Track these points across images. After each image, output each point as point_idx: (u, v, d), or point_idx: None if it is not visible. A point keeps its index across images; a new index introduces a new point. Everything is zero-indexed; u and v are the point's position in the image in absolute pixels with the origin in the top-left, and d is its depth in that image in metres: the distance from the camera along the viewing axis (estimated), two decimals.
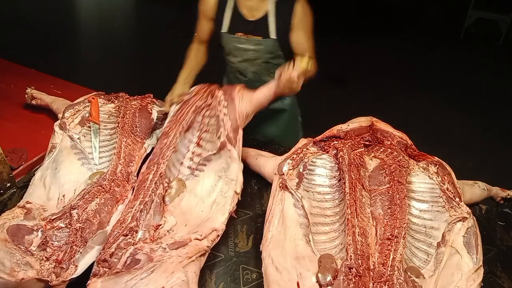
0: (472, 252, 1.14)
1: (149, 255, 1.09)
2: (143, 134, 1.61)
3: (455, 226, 1.20)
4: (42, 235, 1.15)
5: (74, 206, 1.22)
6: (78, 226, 1.18)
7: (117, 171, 1.39)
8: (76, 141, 1.50)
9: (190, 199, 1.37)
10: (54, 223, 1.19)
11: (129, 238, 1.15)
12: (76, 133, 1.54)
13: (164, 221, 1.25)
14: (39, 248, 1.12)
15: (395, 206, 1.21)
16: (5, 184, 1.46)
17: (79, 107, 1.67)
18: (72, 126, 1.58)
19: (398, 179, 1.28)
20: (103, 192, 1.30)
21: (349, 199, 1.20)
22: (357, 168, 1.31)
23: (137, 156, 1.51)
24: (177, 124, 1.56)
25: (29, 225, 1.17)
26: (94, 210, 1.24)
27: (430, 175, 1.30)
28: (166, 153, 1.45)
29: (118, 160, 1.43)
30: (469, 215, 1.22)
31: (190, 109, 1.62)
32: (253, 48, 1.90)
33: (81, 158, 1.48)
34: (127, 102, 1.73)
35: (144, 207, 1.24)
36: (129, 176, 1.40)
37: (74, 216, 1.20)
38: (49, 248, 1.13)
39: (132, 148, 1.52)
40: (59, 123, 1.59)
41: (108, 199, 1.29)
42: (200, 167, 1.47)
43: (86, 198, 1.26)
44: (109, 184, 1.33)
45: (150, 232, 1.20)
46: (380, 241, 1.15)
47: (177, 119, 1.59)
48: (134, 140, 1.56)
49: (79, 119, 1.61)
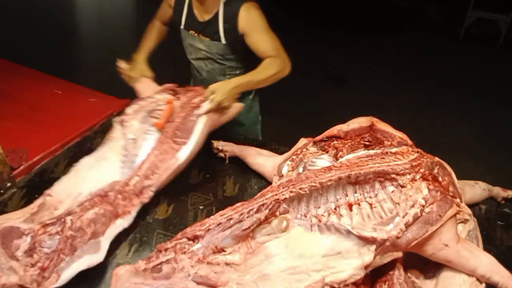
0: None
1: (169, 272, 1.00)
2: (184, 139, 1.42)
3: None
4: (30, 240, 1.11)
5: (70, 212, 1.17)
6: (69, 233, 1.12)
7: (130, 182, 1.29)
8: (128, 141, 1.42)
9: (280, 252, 1.04)
10: (47, 228, 1.14)
11: (187, 243, 1.06)
12: (132, 133, 1.45)
13: (232, 251, 1.05)
14: (25, 254, 1.08)
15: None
16: (5, 184, 1.46)
17: (144, 103, 1.55)
18: (131, 124, 1.47)
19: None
20: (105, 202, 1.22)
21: None
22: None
23: (163, 168, 1.35)
24: (346, 167, 1.15)
25: (23, 228, 1.13)
26: (90, 219, 1.16)
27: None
28: (308, 184, 1.12)
29: (137, 170, 1.32)
30: (470, 217, 1.22)
31: (375, 160, 1.19)
32: (204, 48, 1.90)
33: (125, 161, 1.39)
34: (190, 99, 1.57)
35: (227, 221, 1.07)
36: (142, 190, 1.29)
37: (67, 223, 1.14)
38: (36, 255, 1.09)
39: (162, 158, 1.37)
40: (119, 118, 1.50)
41: (108, 211, 1.21)
42: (326, 226, 1.07)
43: (85, 205, 1.20)
44: (115, 196, 1.24)
45: (207, 251, 1.05)
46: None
47: (352, 164, 1.17)
48: (170, 148, 1.39)
49: (141, 115, 1.50)
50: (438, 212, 1.04)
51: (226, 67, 1.93)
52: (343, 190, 1.14)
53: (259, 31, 1.75)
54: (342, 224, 1.04)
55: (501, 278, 1.06)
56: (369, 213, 1.09)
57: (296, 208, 1.14)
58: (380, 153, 1.23)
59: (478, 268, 1.06)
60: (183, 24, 1.92)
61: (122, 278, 0.98)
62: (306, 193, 1.13)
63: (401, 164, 1.14)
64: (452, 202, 1.07)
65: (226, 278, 0.99)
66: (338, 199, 1.13)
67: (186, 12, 1.89)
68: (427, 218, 1.03)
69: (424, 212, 1.04)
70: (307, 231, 1.09)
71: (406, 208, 1.04)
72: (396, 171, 1.13)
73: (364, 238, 1.00)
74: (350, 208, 1.11)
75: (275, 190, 1.14)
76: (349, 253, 1.00)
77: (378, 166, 1.14)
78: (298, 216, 1.13)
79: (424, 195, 1.06)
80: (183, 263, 1.02)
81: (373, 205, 1.10)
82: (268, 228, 1.11)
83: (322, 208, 1.12)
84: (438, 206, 1.05)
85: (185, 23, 1.91)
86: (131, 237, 1.31)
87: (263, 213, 1.10)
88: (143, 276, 1.00)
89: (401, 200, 1.07)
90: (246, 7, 1.73)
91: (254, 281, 0.99)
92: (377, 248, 1.00)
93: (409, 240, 1.02)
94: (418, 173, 1.13)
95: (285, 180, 1.20)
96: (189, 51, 1.99)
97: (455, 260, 1.07)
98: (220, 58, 1.90)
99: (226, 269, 1.03)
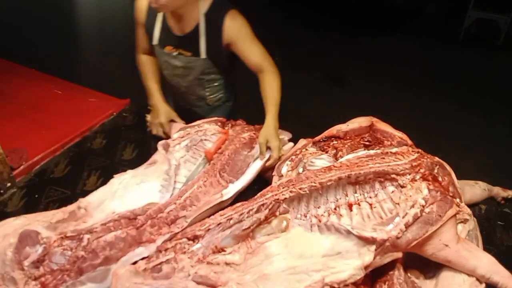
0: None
1: (169, 272, 0.99)
2: (231, 177, 1.37)
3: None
4: (42, 252, 1.05)
5: (91, 230, 1.10)
6: (80, 254, 1.05)
7: (165, 209, 1.19)
8: (171, 167, 1.36)
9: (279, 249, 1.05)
10: (64, 241, 1.07)
11: (187, 243, 1.05)
12: (176, 159, 1.41)
13: (232, 251, 1.05)
14: (32, 264, 1.03)
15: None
16: (5, 184, 1.46)
17: (191, 130, 1.54)
18: (175, 149, 1.45)
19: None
20: (131, 226, 1.13)
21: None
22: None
23: (204, 201, 1.26)
24: (346, 167, 1.17)
25: (42, 235, 1.07)
26: (108, 242, 1.08)
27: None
28: (308, 184, 1.13)
29: (175, 198, 1.24)
30: (470, 217, 1.22)
31: (375, 160, 1.19)
32: (181, 65, 1.77)
33: (165, 186, 1.31)
34: (238, 133, 1.53)
35: (227, 221, 1.07)
36: (176, 220, 1.19)
37: (83, 241, 1.07)
38: (42, 268, 1.03)
39: (205, 190, 1.29)
40: (163, 143, 1.47)
41: (130, 236, 1.11)
42: (326, 226, 1.08)
43: (108, 225, 1.11)
44: (144, 221, 1.14)
45: (207, 251, 1.04)
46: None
47: (351, 164, 1.18)
48: (216, 182, 1.33)
49: (186, 142, 1.48)
50: (438, 212, 1.04)
51: (205, 81, 1.84)
52: (343, 190, 1.14)
53: (246, 40, 1.68)
54: (342, 224, 1.04)
55: (501, 278, 1.06)
56: (369, 213, 1.09)
57: (296, 208, 1.14)
58: (380, 153, 1.23)
59: (478, 268, 1.06)
60: (157, 40, 1.77)
61: (122, 278, 0.98)
62: (306, 193, 1.13)
63: (401, 164, 1.14)
64: (452, 202, 1.07)
65: (226, 278, 1.00)
66: (338, 199, 1.13)
67: (160, 27, 1.74)
68: (427, 218, 1.03)
69: (424, 212, 1.04)
70: (307, 231, 1.09)
71: (406, 208, 1.04)
72: (396, 171, 1.13)
73: (364, 238, 1.00)
74: (350, 208, 1.11)
75: (275, 190, 1.15)
76: (349, 253, 1.01)
77: (378, 166, 1.14)
78: (298, 216, 1.13)
79: (424, 195, 1.06)
80: (183, 263, 1.02)
81: (373, 205, 1.11)
82: (268, 228, 1.11)
83: (322, 208, 1.13)
84: (438, 206, 1.05)
85: (160, 38, 1.76)
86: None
87: (263, 213, 1.10)
88: (143, 276, 1.00)
89: (401, 200, 1.07)
90: (232, 16, 1.64)
91: (254, 281, 0.99)
92: (377, 248, 1.00)
93: (409, 240, 1.02)
94: (418, 173, 1.13)
95: (285, 180, 1.20)
96: (165, 67, 1.84)
97: (455, 260, 1.07)
98: (199, 73, 1.79)
99: (226, 269, 1.04)
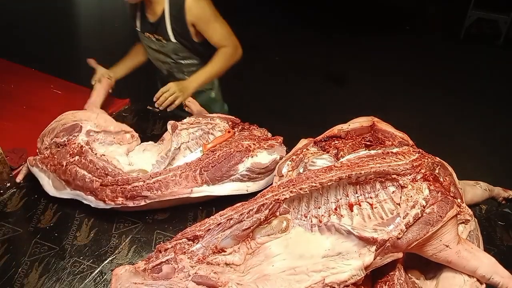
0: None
1: (169, 272, 0.98)
2: (209, 178, 1.36)
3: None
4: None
5: (80, 160, 1.36)
6: (63, 163, 1.37)
7: (132, 183, 1.29)
8: (171, 148, 1.43)
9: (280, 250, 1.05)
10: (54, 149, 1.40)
11: (187, 243, 1.05)
12: (178, 142, 1.46)
13: (232, 251, 1.05)
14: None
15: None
16: (5, 184, 1.46)
17: (202, 121, 1.57)
18: (181, 133, 1.49)
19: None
20: (101, 178, 1.32)
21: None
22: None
23: (170, 191, 1.30)
24: (346, 167, 1.14)
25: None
26: (79, 174, 1.34)
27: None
28: (309, 184, 1.11)
29: (147, 178, 1.31)
30: (471, 217, 1.21)
31: (376, 160, 1.17)
32: (158, 49, 1.91)
33: (159, 163, 1.44)
34: (241, 139, 1.50)
35: (227, 221, 1.06)
36: (136, 197, 1.29)
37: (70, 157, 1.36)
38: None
39: (178, 181, 1.32)
40: (172, 123, 1.51)
41: (92, 184, 1.32)
42: (327, 227, 1.07)
43: (91, 166, 1.34)
44: (109, 183, 1.30)
45: (207, 251, 1.04)
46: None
47: (352, 164, 1.16)
48: (192, 177, 1.34)
49: (193, 130, 1.52)
50: (439, 213, 1.03)
51: (183, 65, 1.95)
52: (344, 190, 1.14)
53: (210, 21, 1.77)
54: (342, 225, 1.03)
55: (502, 278, 1.06)
56: (369, 214, 1.09)
57: (296, 208, 1.14)
58: (381, 153, 1.22)
59: (478, 268, 1.06)
60: (139, 27, 1.92)
61: (122, 278, 0.98)
62: (307, 193, 1.12)
63: (402, 165, 1.14)
64: (453, 203, 1.07)
65: (226, 278, 0.99)
66: (339, 200, 1.13)
67: (140, 15, 1.89)
68: (427, 219, 1.03)
69: (425, 212, 1.03)
70: (307, 231, 1.09)
71: (407, 208, 1.04)
72: (397, 172, 1.12)
73: (365, 239, 1.00)
74: (351, 209, 1.11)
75: (275, 190, 1.14)
76: (350, 254, 1.00)
77: (379, 166, 1.13)
78: (298, 217, 1.13)
79: (425, 196, 1.06)
80: (183, 263, 1.02)
81: (373, 205, 1.10)
82: (268, 229, 1.10)
83: (322, 208, 1.12)
84: (439, 206, 1.04)
85: (140, 25, 1.92)
86: (131, 237, 1.31)
87: (263, 213, 1.10)
88: (143, 276, 0.99)
89: (402, 201, 1.07)
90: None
91: (254, 281, 0.99)
92: (378, 248, 1.00)
93: (410, 241, 1.01)
94: (419, 174, 1.13)
95: (285, 180, 1.20)
96: (148, 52, 2.02)
97: (455, 261, 1.07)
98: (175, 57, 1.91)
99: (226, 269, 1.03)
